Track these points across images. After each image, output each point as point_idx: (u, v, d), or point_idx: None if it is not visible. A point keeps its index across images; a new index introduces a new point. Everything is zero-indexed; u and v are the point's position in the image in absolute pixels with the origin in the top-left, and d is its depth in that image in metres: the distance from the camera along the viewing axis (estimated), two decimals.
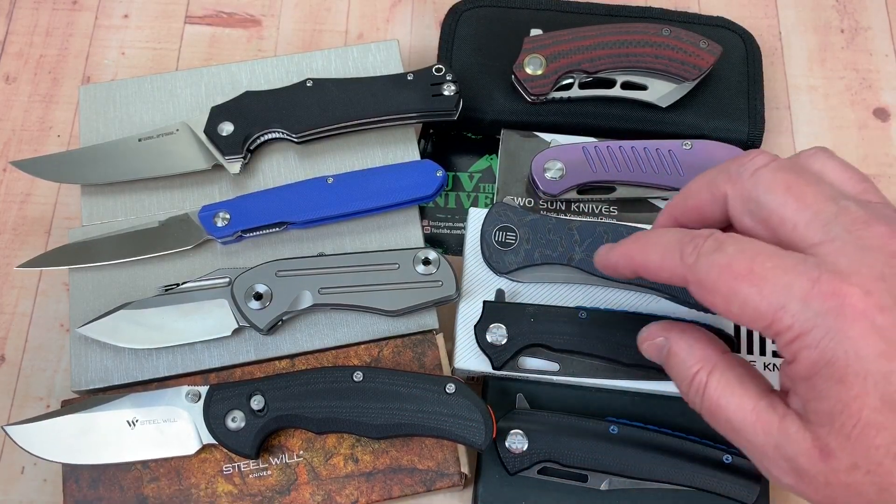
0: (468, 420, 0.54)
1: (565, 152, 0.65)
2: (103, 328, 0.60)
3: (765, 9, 0.82)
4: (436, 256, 0.60)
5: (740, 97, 0.71)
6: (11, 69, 0.79)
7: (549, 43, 0.69)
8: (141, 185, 0.66)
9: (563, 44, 0.68)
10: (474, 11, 0.74)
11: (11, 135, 0.76)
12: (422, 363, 0.60)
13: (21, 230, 0.72)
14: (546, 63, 0.67)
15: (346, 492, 0.57)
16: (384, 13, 0.82)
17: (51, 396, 0.66)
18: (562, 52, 0.68)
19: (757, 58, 0.73)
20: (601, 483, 0.57)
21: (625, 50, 0.68)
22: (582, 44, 0.68)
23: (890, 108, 0.78)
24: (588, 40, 0.68)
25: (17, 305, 0.69)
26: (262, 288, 0.59)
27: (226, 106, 0.66)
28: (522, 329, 0.58)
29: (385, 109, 0.65)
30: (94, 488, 0.57)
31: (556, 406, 0.60)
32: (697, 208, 0.44)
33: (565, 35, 0.69)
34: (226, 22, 0.81)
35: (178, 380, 0.60)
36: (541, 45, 0.69)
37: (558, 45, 0.68)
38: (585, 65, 0.67)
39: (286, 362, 0.60)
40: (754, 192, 0.40)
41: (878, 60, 0.79)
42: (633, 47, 0.68)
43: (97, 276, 0.63)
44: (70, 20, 0.81)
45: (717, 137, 0.69)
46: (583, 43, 0.68)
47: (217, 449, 0.57)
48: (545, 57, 0.68)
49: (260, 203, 0.63)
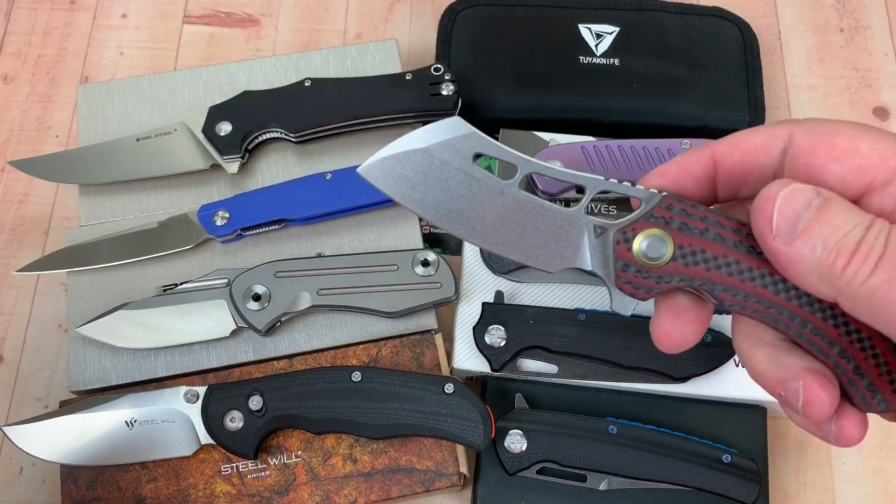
0: (467, 420, 0.54)
1: (564, 151, 0.65)
2: (102, 328, 0.59)
3: (764, 8, 0.82)
4: (435, 258, 0.60)
5: (740, 86, 0.72)
6: (10, 69, 0.78)
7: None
8: (139, 185, 0.66)
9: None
10: (471, 10, 0.74)
11: (10, 135, 0.76)
12: (420, 363, 0.60)
13: (19, 230, 0.72)
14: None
15: (344, 492, 0.57)
16: (383, 13, 0.82)
17: (49, 397, 0.66)
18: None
19: (754, 47, 0.74)
20: (600, 483, 0.57)
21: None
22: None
23: (889, 107, 0.77)
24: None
25: (15, 306, 0.69)
26: (260, 289, 0.59)
27: (224, 106, 0.66)
28: (521, 331, 0.58)
29: (383, 109, 0.65)
30: (93, 489, 0.57)
31: (556, 406, 0.59)
32: (746, 152, 0.35)
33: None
34: (224, 22, 0.81)
35: (176, 380, 0.60)
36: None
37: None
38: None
39: (285, 362, 0.60)
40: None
41: (878, 59, 0.79)
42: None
43: (95, 277, 0.63)
44: (68, 20, 0.81)
45: (718, 127, 0.70)
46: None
47: (215, 449, 0.57)
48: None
49: (259, 201, 0.63)
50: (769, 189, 0.31)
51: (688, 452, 0.56)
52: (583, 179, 0.34)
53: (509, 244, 0.34)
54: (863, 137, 0.32)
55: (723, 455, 0.56)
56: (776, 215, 0.31)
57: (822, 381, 0.32)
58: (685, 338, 0.35)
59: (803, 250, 0.30)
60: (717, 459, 0.56)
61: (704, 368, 0.58)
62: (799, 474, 0.64)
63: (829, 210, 0.30)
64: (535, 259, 0.34)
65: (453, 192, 0.33)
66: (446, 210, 0.33)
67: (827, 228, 0.30)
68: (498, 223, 0.33)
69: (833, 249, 0.29)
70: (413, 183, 0.33)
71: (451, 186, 0.33)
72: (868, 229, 0.29)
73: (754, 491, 0.56)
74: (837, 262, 0.29)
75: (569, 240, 0.34)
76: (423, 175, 0.33)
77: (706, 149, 0.35)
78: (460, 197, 0.33)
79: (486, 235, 0.33)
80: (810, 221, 0.30)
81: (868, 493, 0.64)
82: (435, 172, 0.33)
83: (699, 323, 0.35)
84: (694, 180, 0.35)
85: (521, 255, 0.34)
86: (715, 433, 0.59)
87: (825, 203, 0.30)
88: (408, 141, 0.33)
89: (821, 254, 0.29)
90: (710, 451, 0.56)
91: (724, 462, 0.56)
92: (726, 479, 0.56)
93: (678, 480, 0.56)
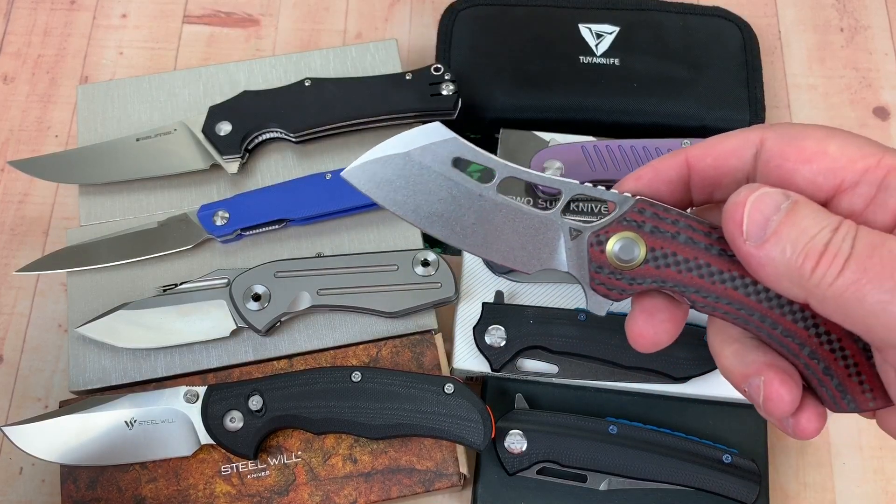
0: (467, 420, 0.54)
1: (564, 151, 0.65)
2: (102, 328, 0.59)
3: (764, 7, 0.82)
4: (435, 258, 0.60)
5: (740, 86, 0.72)
6: (9, 69, 0.78)
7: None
8: (139, 185, 0.66)
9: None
10: (471, 10, 0.74)
11: (9, 135, 0.76)
12: (420, 363, 0.60)
13: (19, 230, 0.72)
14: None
15: (344, 492, 0.57)
16: (382, 13, 0.81)
17: (49, 397, 0.66)
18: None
19: (755, 47, 0.74)
20: (600, 483, 0.57)
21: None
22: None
23: (890, 107, 0.77)
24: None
25: (15, 306, 0.69)
26: (260, 289, 0.59)
27: (224, 105, 0.66)
28: (521, 331, 0.58)
29: (383, 109, 0.65)
30: (93, 489, 0.57)
31: (556, 406, 0.59)
32: (719, 156, 0.35)
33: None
34: (224, 21, 0.81)
35: (176, 380, 0.60)
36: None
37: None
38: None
39: (284, 362, 0.60)
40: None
41: (878, 59, 0.79)
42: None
43: (95, 277, 0.63)
44: (68, 20, 0.81)
45: (718, 127, 0.70)
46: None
47: (215, 449, 0.57)
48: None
49: (259, 201, 0.63)
50: (738, 194, 0.32)
51: (688, 452, 0.56)
52: (558, 184, 0.35)
53: (488, 245, 0.35)
54: (832, 140, 0.32)
55: (723, 455, 0.56)
56: (746, 219, 0.31)
57: (782, 377, 0.33)
58: (659, 337, 0.36)
59: (773, 253, 0.30)
60: (717, 459, 0.56)
61: (704, 368, 0.58)
62: (799, 474, 0.64)
63: (797, 213, 0.30)
64: (513, 260, 0.35)
65: (433, 196, 0.34)
66: (427, 213, 0.34)
67: (795, 231, 0.30)
68: (477, 225, 0.35)
69: (802, 252, 0.30)
70: (395, 186, 0.35)
71: (432, 190, 0.34)
72: (835, 231, 0.30)
73: (754, 491, 0.56)
74: (806, 265, 0.30)
75: (545, 242, 0.35)
76: (405, 179, 0.34)
77: (680, 153, 0.36)
78: (440, 200, 0.34)
79: (466, 237, 0.35)
80: (779, 225, 0.30)
81: (868, 493, 0.64)
82: (416, 176, 0.34)
83: (673, 323, 0.36)
84: (668, 184, 0.36)
85: (500, 256, 0.35)
86: (715, 433, 0.59)
87: (793, 206, 0.31)
88: (389, 146, 0.34)
89: (790, 256, 0.30)
90: (710, 451, 0.56)
91: (724, 462, 0.56)
92: (726, 479, 0.56)
93: (678, 481, 0.56)
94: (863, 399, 0.33)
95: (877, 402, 0.33)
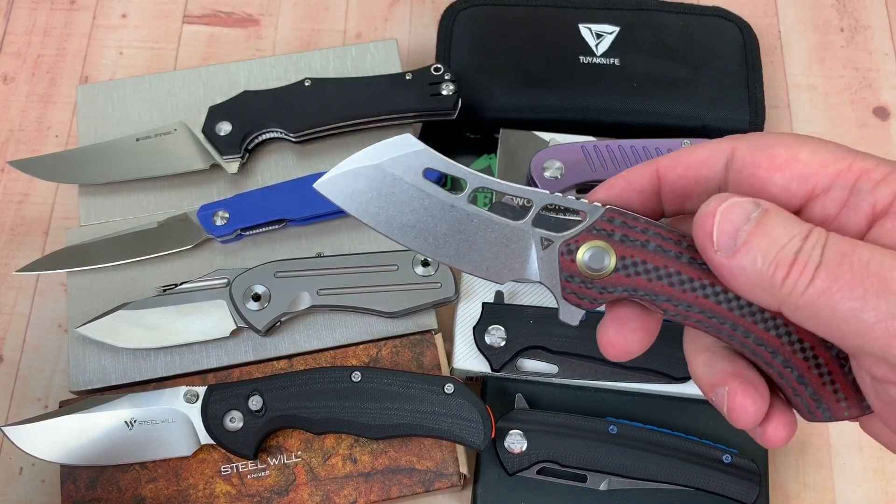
0: (467, 420, 0.54)
1: (564, 151, 0.65)
2: (102, 328, 0.59)
3: (764, 7, 0.82)
4: None
5: (740, 86, 0.72)
6: (9, 69, 0.78)
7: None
8: (139, 185, 0.66)
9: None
10: (471, 10, 0.74)
11: (9, 135, 0.76)
12: (420, 363, 0.60)
13: (19, 230, 0.72)
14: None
15: (344, 492, 0.57)
16: (382, 12, 0.81)
17: (49, 397, 0.66)
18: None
19: (755, 47, 0.74)
20: (600, 483, 0.57)
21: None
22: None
23: (890, 107, 0.77)
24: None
25: (15, 306, 0.69)
26: (260, 289, 0.59)
27: (224, 105, 0.66)
28: (521, 331, 0.58)
29: (383, 109, 0.65)
30: (92, 489, 0.57)
31: (556, 406, 0.59)
32: (689, 166, 0.36)
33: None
34: (224, 21, 0.81)
35: (176, 380, 0.60)
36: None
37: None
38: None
39: (284, 362, 0.60)
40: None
41: (878, 59, 0.79)
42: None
43: (95, 277, 0.63)
44: (68, 20, 0.81)
45: (718, 128, 0.70)
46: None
47: (215, 449, 0.57)
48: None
49: (258, 201, 0.63)
50: (708, 204, 0.31)
51: (688, 452, 0.56)
52: (528, 193, 0.35)
53: (460, 256, 0.35)
54: (802, 147, 0.32)
55: (723, 455, 0.56)
56: (716, 230, 0.31)
57: (746, 388, 0.33)
58: (629, 346, 0.36)
59: (744, 263, 0.30)
60: (718, 459, 0.56)
61: None
62: (799, 474, 0.64)
63: (767, 222, 0.30)
64: (484, 271, 0.35)
65: (406, 207, 0.34)
66: (399, 224, 0.35)
67: (766, 241, 0.30)
68: (449, 236, 0.35)
69: (773, 261, 0.29)
70: (367, 198, 0.35)
71: (404, 201, 0.34)
72: (805, 239, 0.29)
73: (754, 491, 0.56)
74: (777, 274, 0.29)
75: (517, 252, 0.35)
76: (377, 190, 0.34)
77: (651, 163, 0.36)
78: (413, 211, 0.34)
79: (439, 248, 0.35)
80: (749, 234, 0.30)
81: (868, 493, 0.64)
82: (387, 188, 0.34)
83: (644, 332, 0.36)
84: (639, 194, 0.35)
85: (472, 266, 0.35)
86: (715, 433, 0.59)
87: (763, 215, 0.30)
88: (361, 157, 0.34)
89: (761, 266, 0.30)
90: (711, 452, 0.56)
91: (724, 462, 0.56)
92: (726, 479, 0.56)
93: (678, 481, 0.56)
94: (838, 408, 0.33)
95: (851, 411, 0.33)
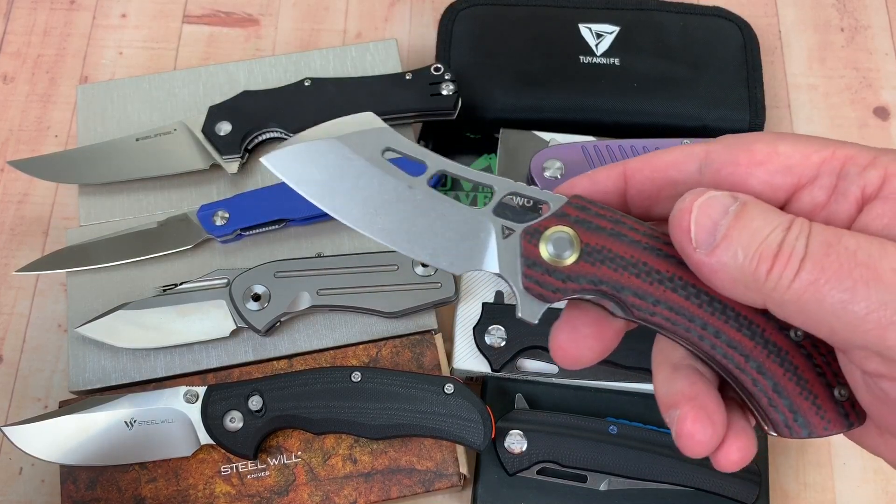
0: (467, 420, 0.54)
1: (564, 151, 0.65)
2: (101, 328, 0.59)
3: (764, 7, 0.82)
4: None
5: (740, 86, 0.72)
6: (9, 69, 0.78)
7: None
8: (138, 185, 0.66)
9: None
10: (471, 10, 0.74)
11: (9, 135, 0.76)
12: (420, 363, 0.60)
13: (19, 230, 0.72)
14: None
15: (344, 492, 0.57)
16: (382, 12, 0.81)
17: (49, 397, 0.66)
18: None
19: (755, 46, 0.74)
20: (600, 483, 0.57)
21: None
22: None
23: (890, 107, 0.77)
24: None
25: (14, 306, 0.69)
26: (260, 289, 0.59)
27: (224, 105, 0.66)
28: (521, 331, 0.58)
29: (383, 109, 0.65)
30: (92, 489, 0.57)
31: (556, 406, 0.59)
32: (658, 168, 0.35)
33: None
34: (224, 21, 0.81)
35: (176, 380, 0.60)
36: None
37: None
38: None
39: (284, 363, 0.60)
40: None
41: (879, 59, 0.79)
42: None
43: (95, 277, 0.63)
44: (68, 20, 0.81)
45: (718, 128, 0.70)
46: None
47: (215, 450, 0.57)
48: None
49: (258, 201, 0.63)
50: (684, 200, 0.30)
51: None
52: (491, 180, 0.33)
53: (415, 243, 0.32)
54: (781, 141, 0.31)
55: None
56: (694, 226, 0.29)
57: (697, 413, 0.31)
58: (580, 353, 0.34)
59: (725, 259, 0.28)
60: None
61: None
62: (799, 474, 0.64)
63: (746, 214, 0.29)
64: (441, 259, 0.32)
65: (361, 186, 0.32)
66: (351, 205, 0.32)
67: (746, 234, 0.28)
68: (405, 220, 0.32)
69: (755, 255, 0.28)
70: (320, 176, 0.32)
71: (360, 181, 0.32)
72: (788, 230, 0.28)
73: (754, 491, 0.56)
74: (760, 268, 0.28)
75: (477, 241, 0.32)
76: (331, 168, 0.32)
77: (619, 164, 0.34)
78: (367, 191, 0.32)
79: (392, 233, 0.32)
80: (728, 228, 0.29)
81: (868, 493, 0.64)
82: (344, 165, 0.32)
83: (597, 340, 0.34)
84: (604, 195, 0.34)
85: (428, 255, 0.32)
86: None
87: (742, 208, 0.29)
88: (318, 132, 0.32)
89: (743, 261, 0.28)
90: None
91: None
92: (726, 479, 0.56)
93: (678, 481, 0.56)
94: (817, 422, 0.30)
95: (832, 425, 0.30)
